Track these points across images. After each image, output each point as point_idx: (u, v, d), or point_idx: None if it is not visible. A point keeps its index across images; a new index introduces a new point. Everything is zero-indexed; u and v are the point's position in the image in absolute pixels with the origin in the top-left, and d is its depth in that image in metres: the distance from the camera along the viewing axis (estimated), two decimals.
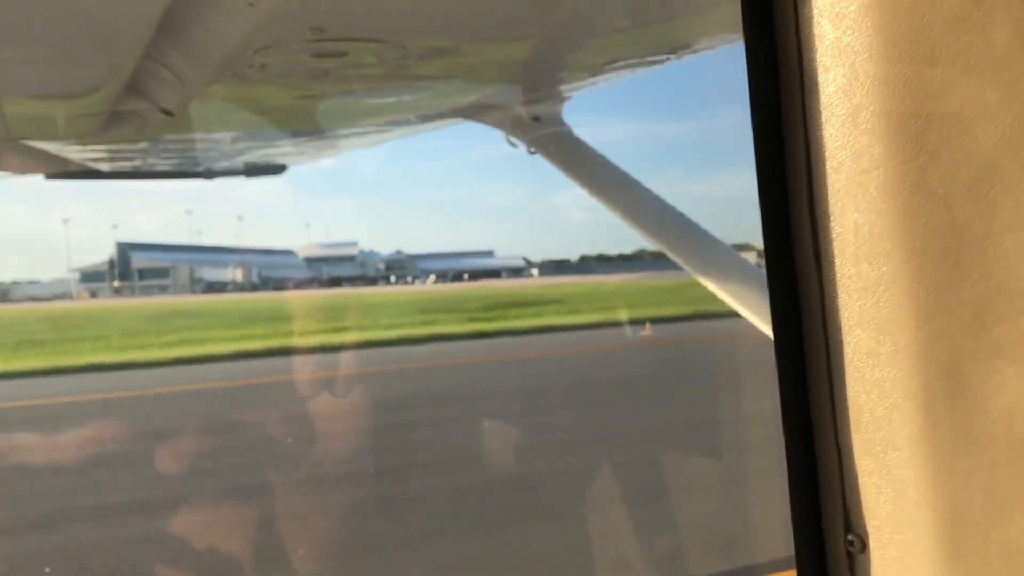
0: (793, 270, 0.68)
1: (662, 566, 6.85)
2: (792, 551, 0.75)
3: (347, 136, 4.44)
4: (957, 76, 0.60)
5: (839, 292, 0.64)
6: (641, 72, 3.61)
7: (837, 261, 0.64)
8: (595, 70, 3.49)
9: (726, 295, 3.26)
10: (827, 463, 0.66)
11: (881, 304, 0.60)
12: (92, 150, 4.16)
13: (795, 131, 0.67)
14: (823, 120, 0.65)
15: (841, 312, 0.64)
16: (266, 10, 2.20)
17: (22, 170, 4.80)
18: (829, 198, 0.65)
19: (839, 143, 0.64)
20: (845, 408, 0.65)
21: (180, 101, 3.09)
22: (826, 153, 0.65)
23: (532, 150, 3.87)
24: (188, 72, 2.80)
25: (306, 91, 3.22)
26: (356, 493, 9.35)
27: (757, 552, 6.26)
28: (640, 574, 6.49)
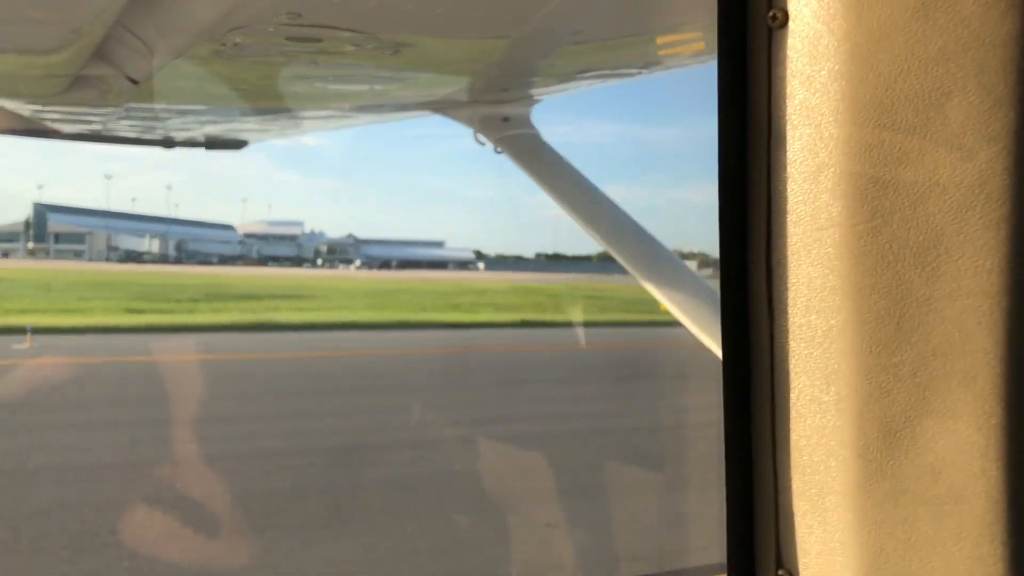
0: (746, 313, 0.71)
1: None
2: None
3: (312, 118, 4.42)
4: (915, 147, 0.64)
5: (788, 339, 0.68)
6: (611, 83, 3.65)
7: (789, 309, 0.68)
8: (567, 77, 3.52)
9: (674, 307, 3.33)
10: (764, 499, 0.70)
11: (828, 355, 0.64)
12: (51, 110, 4.08)
13: (759, 182, 0.71)
14: (787, 175, 0.69)
15: (789, 358, 0.67)
16: None
17: None
18: (787, 249, 0.68)
19: (800, 199, 0.68)
20: (787, 449, 0.68)
21: (148, 71, 3.05)
22: (787, 207, 0.69)
23: (499, 149, 3.90)
24: (159, 44, 2.77)
25: (276, 72, 3.21)
26: None
27: None
28: None
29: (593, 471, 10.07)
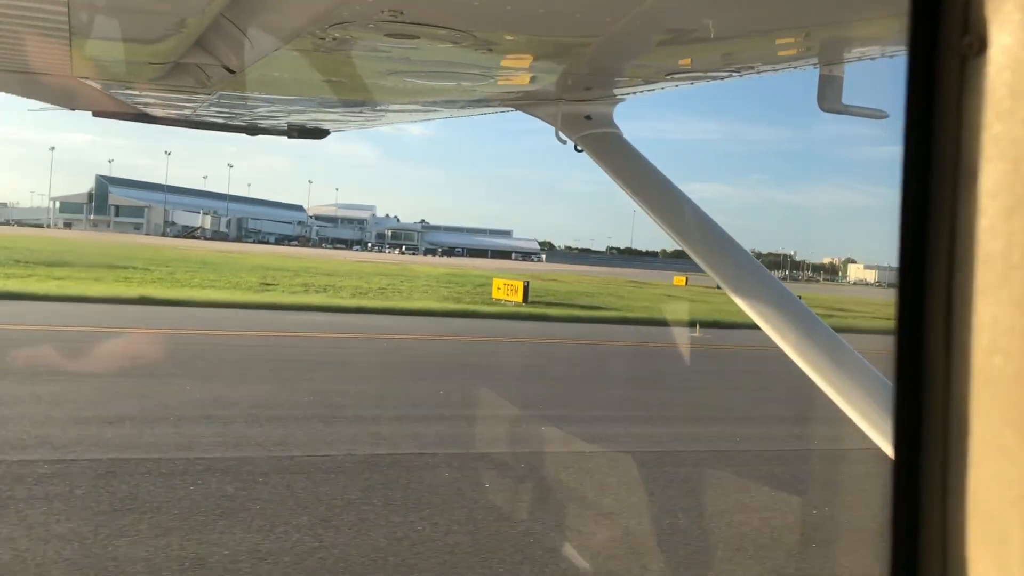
0: (921, 351, 0.70)
1: None
2: None
3: (396, 111, 4.47)
4: None
5: (969, 381, 0.66)
6: (699, 85, 3.62)
7: (972, 350, 0.66)
8: (653, 78, 3.50)
9: (754, 313, 3.29)
10: (932, 548, 0.68)
11: (1012, 399, 0.63)
12: (147, 95, 4.19)
13: (943, 217, 0.69)
14: (977, 210, 0.67)
15: (969, 400, 0.66)
16: None
17: (73, 105, 4.85)
18: (972, 287, 0.66)
19: (990, 235, 0.66)
20: (961, 495, 0.67)
21: (245, 62, 3.12)
22: (976, 244, 0.67)
23: (579, 148, 3.89)
24: (260, 37, 2.83)
25: (368, 66, 3.24)
26: None
27: None
28: None
29: None
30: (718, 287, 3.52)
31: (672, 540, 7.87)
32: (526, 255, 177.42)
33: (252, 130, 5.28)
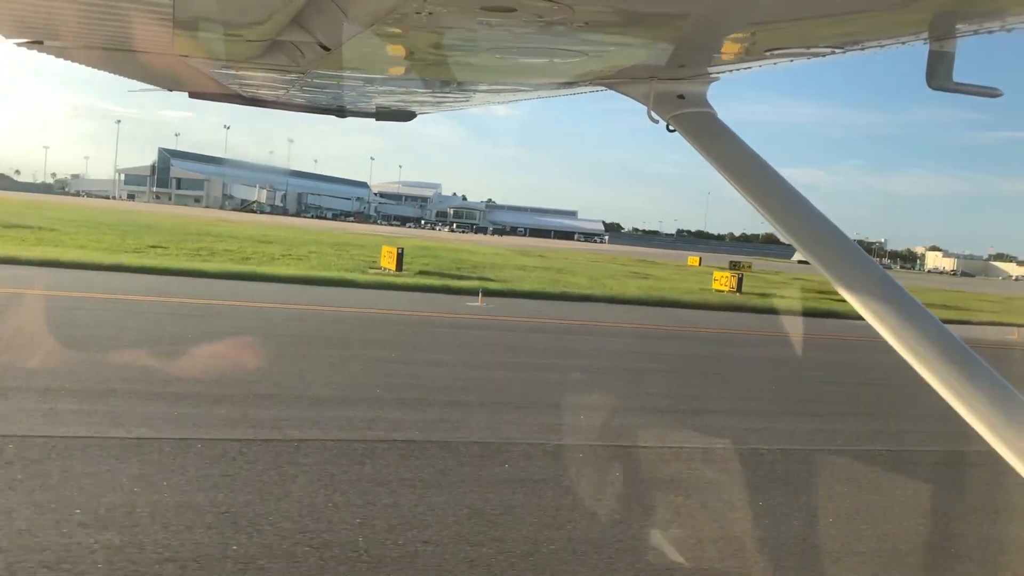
0: None
1: None
2: None
3: (484, 91, 4.46)
4: None
5: None
6: (799, 62, 3.52)
7: None
8: (751, 55, 3.41)
9: (857, 303, 3.18)
10: None
11: None
12: (241, 75, 4.28)
13: None
14: None
15: None
16: None
17: (171, 85, 4.99)
18: None
19: None
20: None
21: (340, 39, 3.15)
22: None
23: (672, 128, 3.83)
24: (357, 12, 2.85)
25: (460, 43, 3.24)
26: None
27: None
28: None
29: None
30: (733, 265, 3.41)
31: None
32: (589, 236, 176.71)
33: (341, 112, 5.35)
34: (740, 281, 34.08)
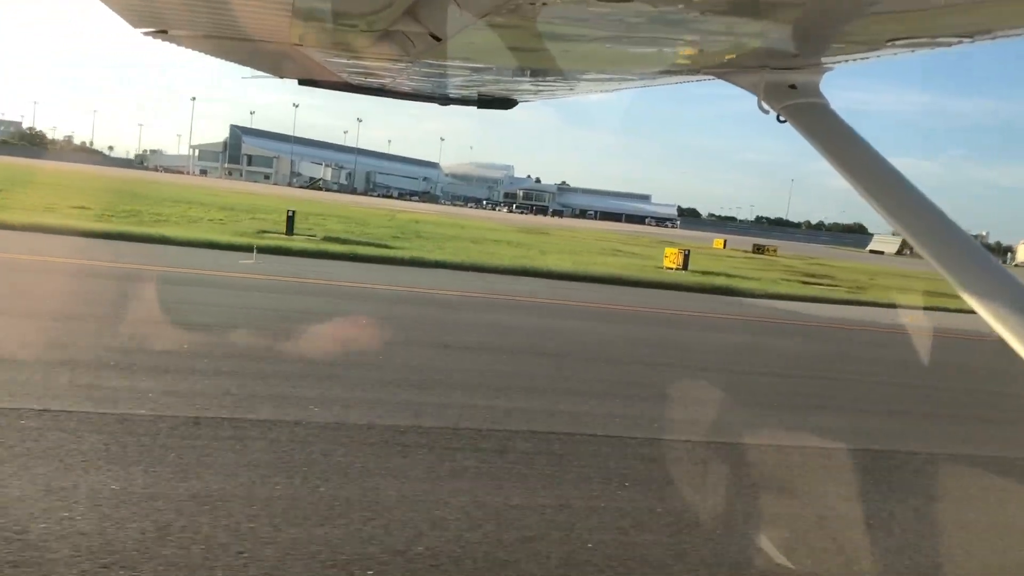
0: None
1: None
2: None
3: (589, 80, 4.44)
4: None
5: None
6: (921, 53, 3.40)
7: None
8: (872, 46, 3.30)
9: (970, 297, 3.06)
10: None
11: None
12: (351, 62, 4.37)
13: None
14: None
15: None
16: None
17: (281, 73, 5.14)
18: None
19: None
20: None
21: (452, 29, 3.18)
22: None
23: (783, 119, 3.74)
24: (470, 2, 2.87)
25: (570, 32, 3.23)
26: None
27: None
28: None
29: None
30: (757, 249, 3.28)
31: None
32: (660, 221, 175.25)
33: (443, 100, 5.41)
34: (687, 259, 33.25)
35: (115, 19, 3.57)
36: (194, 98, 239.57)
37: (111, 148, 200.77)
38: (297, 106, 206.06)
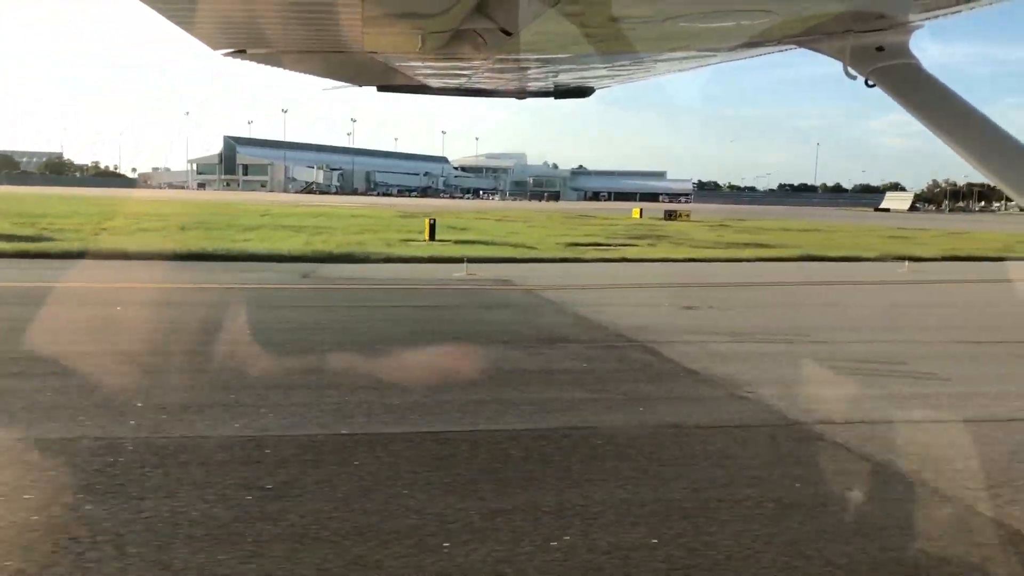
0: None
1: None
2: None
3: (665, 60, 4.36)
4: None
5: None
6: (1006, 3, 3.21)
7: None
8: None
9: None
10: None
11: None
12: (426, 65, 4.40)
13: None
14: None
15: None
16: None
17: (360, 81, 5.22)
18: None
19: None
20: None
21: (521, 23, 3.16)
22: None
23: (871, 82, 3.59)
24: None
25: (645, 12, 3.17)
26: None
27: None
28: None
29: None
30: (668, 215, 3.04)
31: None
32: (674, 196, 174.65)
33: (520, 93, 5.40)
34: (432, 229, 29.12)
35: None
36: (188, 112, 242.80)
37: (134, 170, 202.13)
38: (286, 111, 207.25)
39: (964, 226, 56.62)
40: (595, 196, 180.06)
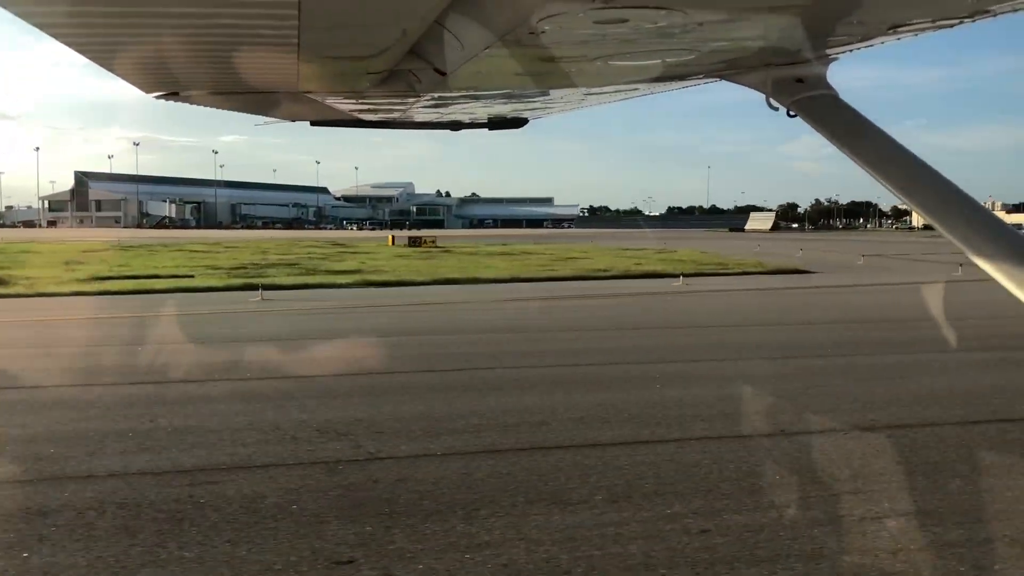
0: None
1: None
2: None
3: (595, 93, 4.47)
4: None
5: None
6: (923, 36, 3.39)
7: None
8: (871, 34, 3.30)
9: (992, 268, 3.05)
10: None
11: None
12: (360, 103, 4.43)
13: None
14: None
15: None
16: None
17: (294, 117, 5.23)
18: None
19: None
20: None
21: (455, 63, 3.22)
22: None
23: (793, 113, 3.74)
24: (471, 38, 2.91)
25: (572, 53, 3.26)
26: None
27: None
28: None
29: None
30: (412, 241, 3.22)
31: None
32: (557, 222, 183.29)
33: (455, 125, 5.46)
34: None
35: None
36: (37, 148, 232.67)
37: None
38: (138, 144, 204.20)
39: (731, 245, 64.16)
40: (480, 223, 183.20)
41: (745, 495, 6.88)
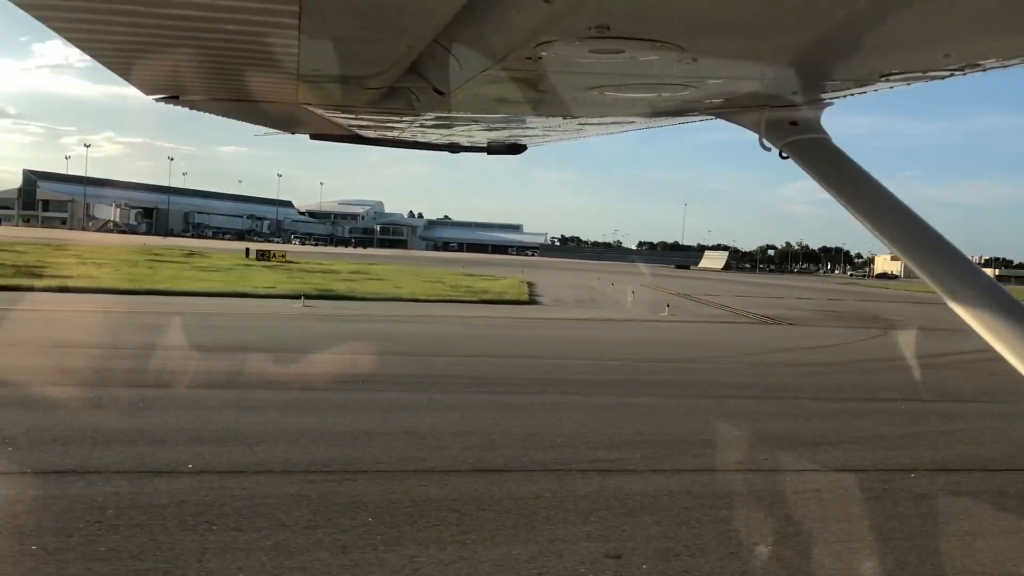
0: None
1: None
2: None
3: (593, 124, 4.52)
4: None
5: None
6: (915, 85, 3.44)
7: None
8: (865, 81, 3.35)
9: (983, 329, 3.07)
10: None
11: None
12: (359, 119, 4.48)
13: None
14: None
15: None
16: (560, 7, 2.28)
17: (293, 129, 5.27)
18: None
19: None
20: None
21: (454, 83, 3.26)
22: None
23: (785, 155, 3.78)
24: (469, 59, 2.95)
25: (569, 82, 3.31)
26: None
27: None
28: None
29: None
30: (261, 254, 3.23)
31: None
32: (522, 249, 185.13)
33: (454, 148, 5.51)
34: None
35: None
36: None
37: None
38: (88, 146, 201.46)
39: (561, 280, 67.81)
40: (445, 247, 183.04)
41: None
